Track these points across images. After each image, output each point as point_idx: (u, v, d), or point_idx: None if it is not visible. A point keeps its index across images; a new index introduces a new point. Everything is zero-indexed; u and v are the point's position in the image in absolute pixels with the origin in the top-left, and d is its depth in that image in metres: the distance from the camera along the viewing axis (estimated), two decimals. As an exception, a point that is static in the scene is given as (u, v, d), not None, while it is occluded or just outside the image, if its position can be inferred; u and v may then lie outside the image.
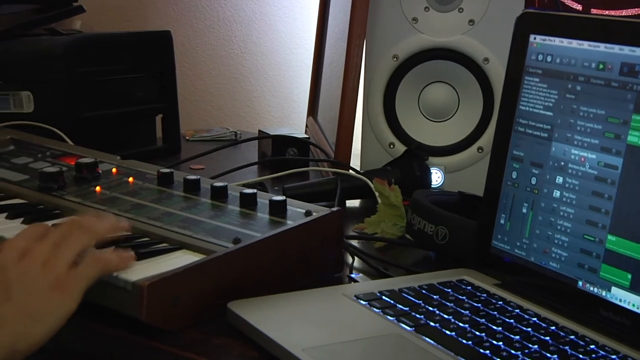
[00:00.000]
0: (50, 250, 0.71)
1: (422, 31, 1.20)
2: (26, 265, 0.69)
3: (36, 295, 0.68)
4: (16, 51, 1.28)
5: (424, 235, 0.93)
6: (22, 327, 0.67)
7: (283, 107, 1.92)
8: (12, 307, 0.67)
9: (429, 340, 0.68)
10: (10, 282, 0.68)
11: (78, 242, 0.72)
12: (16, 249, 0.70)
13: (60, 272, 0.70)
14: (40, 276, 0.69)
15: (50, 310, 0.68)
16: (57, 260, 0.70)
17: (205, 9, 1.78)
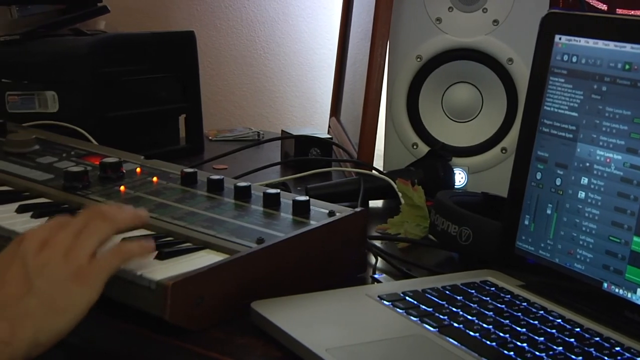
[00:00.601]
0: (70, 240, 0.70)
1: (446, 31, 1.20)
2: (46, 256, 0.69)
3: (57, 287, 0.67)
4: (41, 51, 1.30)
5: (448, 236, 0.93)
6: (44, 320, 0.66)
7: (305, 107, 1.92)
8: (34, 299, 0.66)
9: (453, 341, 0.68)
10: (31, 274, 0.67)
11: (99, 232, 0.71)
12: (36, 240, 0.70)
13: (81, 262, 0.69)
14: (61, 267, 0.68)
15: (72, 301, 0.67)
16: (78, 251, 0.69)
17: (229, 9, 1.79)
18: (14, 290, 0.67)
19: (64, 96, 1.28)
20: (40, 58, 1.29)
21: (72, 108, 1.28)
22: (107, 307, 0.73)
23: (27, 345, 0.65)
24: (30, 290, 0.67)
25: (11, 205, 0.90)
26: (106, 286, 0.70)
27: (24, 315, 0.66)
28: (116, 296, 0.74)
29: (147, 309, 0.72)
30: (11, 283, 0.67)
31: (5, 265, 0.69)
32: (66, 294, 0.67)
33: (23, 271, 0.68)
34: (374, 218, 1.06)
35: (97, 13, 1.43)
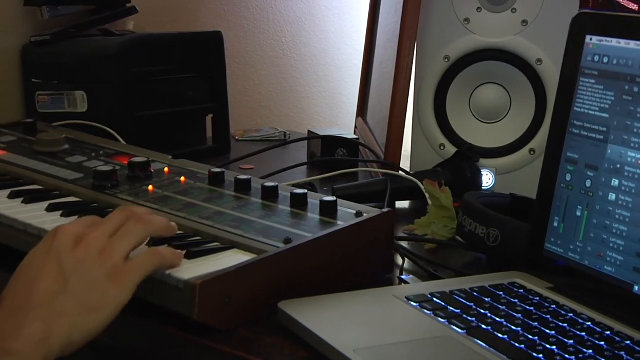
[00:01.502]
0: (105, 240, 0.70)
1: (474, 32, 1.19)
2: (81, 253, 0.69)
3: (92, 286, 0.68)
4: (71, 52, 1.31)
5: (475, 238, 0.92)
6: (78, 318, 0.67)
7: (332, 107, 1.92)
8: (69, 298, 0.67)
9: (481, 343, 0.68)
10: (66, 272, 0.68)
11: (134, 234, 0.72)
12: (71, 235, 0.70)
13: (116, 262, 0.69)
14: (96, 266, 0.68)
15: (106, 301, 0.68)
16: (114, 250, 0.70)
17: (256, 9, 1.79)
18: (49, 286, 0.67)
19: (93, 96, 1.29)
20: (70, 58, 1.30)
21: (101, 108, 1.29)
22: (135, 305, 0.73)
23: (62, 344, 0.65)
24: (66, 289, 0.67)
25: (41, 204, 0.91)
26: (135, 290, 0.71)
27: (59, 313, 0.66)
28: (144, 295, 0.74)
29: (175, 308, 0.73)
30: (46, 279, 0.67)
31: (40, 260, 0.69)
32: (100, 293, 0.68)
33: (58, 268, 0.68)
34: (400, 219, 1.06)
35: (126, 13, 1.44)
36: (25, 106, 1.35)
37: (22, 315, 0.65)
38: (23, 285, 0.68)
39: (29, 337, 0.64)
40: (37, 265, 0.69)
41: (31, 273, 0.69)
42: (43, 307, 0.66)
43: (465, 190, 1.02)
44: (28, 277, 0.68)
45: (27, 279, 0.68)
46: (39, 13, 1.35)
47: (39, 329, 0.65)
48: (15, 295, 0.68)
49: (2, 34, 1.34)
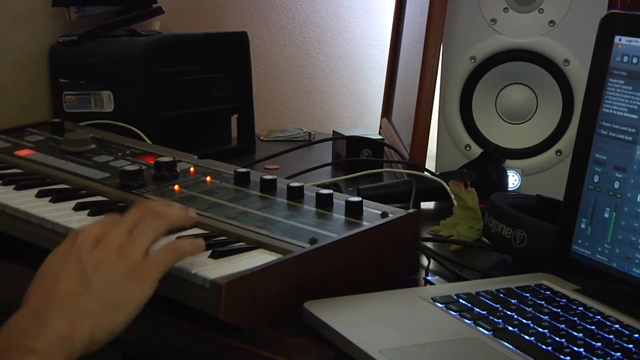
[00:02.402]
0: (124, 237, 0.71)
1: (501, 32, 1.19)
2: (101, 253, 0.69)
3: (113, 285, 0.68)
4: (98, 52, 1.32)
5: (502, 239, 0.92)
6: (101, 317, 0.67)
7: (356, 108, 1.92)
8: (91, 297, 0.68)
9: (508, 344, 0.67)
10: (87, 272, 0.68)
11: (152, 229, 0.72)
12: (91, 236, 0.71)
13: (136, 259, 0.70)
14: (115, 264, 0.69)
15: (128, 298, 0.69)
16: (132, 248, 0.70)
17: (281, 10, 1.79)
18: (71, 287, 0.68)
19: (119, 96, 1.30)
20: (97, 58, 1.31)
21: (127, 108, 1.30)
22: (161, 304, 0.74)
23: (84, 342, 0.66)
24: (87, 288, 0.68)
25: (69, 203, 0.91)
26: (160, 284, 0.71)
27: (81, 312, 0.67)
28: (170, 294, 0.75)
29: (201, 307, 0.73)
30: (68, 280, 0.68)
31: (61, 262, 0.70)
32: (121, 291, 0.69)
33: (79, 268, 0.69)
34: (425, 220, 1.06)
35: (152, 14, 1.45)
36: (52, 106, 1.37)
37: (45, 314, 0.66)
38: (45, 285, 0.69)
39: (52, 336, 0.65)
40: (59, 266, 0.70)
41: (53, 274, 0.69)
42: (66, 306, 0.67)
43: (491, 192, 1.02)
44: (50, 278, 0.69)
45: (49, 279, 0.69)
46: (66, 14, 1.36)
47: (62, 327, 0.65)
48: (38, 295, 0.68)
49: (31, 34, 1.35)
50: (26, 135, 1.16)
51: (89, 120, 1.28)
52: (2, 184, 0.98)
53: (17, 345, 0.63)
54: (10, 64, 1.35)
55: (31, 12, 1.36)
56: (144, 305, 0.69)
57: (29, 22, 1.36)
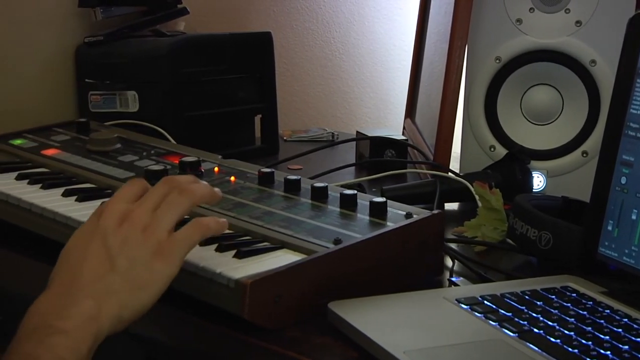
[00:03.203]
0: (149, 215, 0.70)
1: (526, 32, 1.18)
2: (126, 232, 0.69)
3: (139, 263, 0.68)
4: (123, 52, 1.33)
5: (527, 240, 0.91)
6: (127, 296, 0.67)
7: (380, 108, 1.92)
8: (117, 276, 0.67)
9: (533, 347, 0.67)
10: (112, 251, 0.68)
11: (177, 206, 0.71)
12: (115, 214, 0.70)
13: (161, 237, 0.69)
14: (141, 243, 0.68)
15: (153, 277, 0.68)
16: (157, 226, 0.69)
17: (305, 10, 1.79)
18: (96, 266, 0.68)
19: (144, 96, 1.31)
20: (122, 59, 1.32)
21: (152, 108, 1.30)
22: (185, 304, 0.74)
23: (112, 321, 0.66)
24: (113, 268, 0.67)
25: (94, 202, 0.92)
26: (184, 283, 0.71)
27: (108, 292, 0.66)
28: (194, 294, 0.75)
29: (225, 306, 0.73)
30: (93, 259, 0.68)
31: (86, 241, 0.69)
32: (147, 270, 0.68)
33: (104, 247, 0.68)
34: (449, 221, 1.05)
35: (177, 14, 1.46)
36: (78, 106, 1.38)
37: (71, 294, 0.66)
38: (71, 265, 0.69)
39: (79, 316, 0.65)
40: (84, 245, 0.69)
41: (78, 254, 0.69)
42: (92, 286, 0.67)
43: (516, 193, 1.01)
44: (75, 258, 0.69)
45: (75, 259, 0.69)
46: (92, 14, 1.37)
47: (89, 307, 0.65)
48: (64, 275, 0.68)
49: (57, 35, 1.37)
50: (52, 135, 1.17)
51: (114, 120, 1.28)
52: (29, 182, 0.99)
53: (47, 326, 0.63)
54: (38, 64, 1.36)
55: (58, 13, 1.37)
56: (169, 284, 0.69)
57: (55, 22, 1.37)
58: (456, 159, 1.24)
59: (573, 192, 1.03)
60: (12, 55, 1.33)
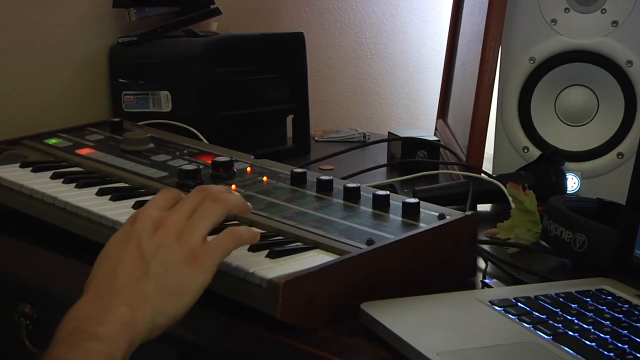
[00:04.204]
0: (183, 222, 0.71)
1: (561, 33, 1.17)
2: (160, 239, 0.69)
3: (172, 270, 0.68)
4: (156, 52, 1.33)
5: (561, 242, 0.90)
6: (161, 303, 0.68)
7: (411, 109, 1.91)
8: (151, 282, 0.68)
9: (568, 349, 0.66)
10: (146, 257, 0.69)
11: (211, 214, 0.72)
12: (150, 220, 0.71)
13: (195, 245, 0.70)
14: (175, 250, 0.69)
15: (187, 284, 0.69)
16: (191, 233, 0.70)
17: (337, 10, 1.79)
18: (131, 271, 0.68)
19: (177, 96, 1.31)
20: (155, 59, 1.33)
21: (185, 108, 1.31)
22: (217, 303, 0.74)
23: (146, 327, 0.67)
24: (147, 274, 0.68)
25: (128, 202, 0.93)
26: (217, 283, 0.71)
27: (142, 297, 0.67)
28: (227, 293, 0.75)
29: (258, 306, 0.73)
30: (128, 264, 0.69)
31: (121, 247, 0.70)
32: (181, 277, 0.69)
33: (139, 253, 0.69)
34: (482, 222, 1.04)
35: (210, 15, 1.46)
36: (111, 105, 1.39)
37: (106, 300, 0.67)
38: (106, 270, 0.69)
39: (114, 321, 0.65)
40: (118, 251, 0.70)
41: (113, 259, 0.70)
42: (126, 291, 0.67)
43: (550, 194, 1.00)
44: (110, 263, 0.70)
45: (110, 264, 0.70)
46: (126, 15, 1.38)
47: (124, 312, 0.66)
48: (99, 281, 0.69)
49: (92, 35, 1.38)
50: (87, 135, 1.18)
51: (147, 119, 1.29)
52: (63, 182, 1.00)
53: (83, 331, 0.64)
54: (72, 65, 1.37)
55: (93, 13, 1.38)
56: (202, 291, 0.69)
57: (90, 23, 1.38)
58: (489, 160, 1.23)
59: (607, 194, 1.02)
60: (47, 56, 1.34)
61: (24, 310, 0.99)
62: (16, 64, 1.31)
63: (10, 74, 1.31)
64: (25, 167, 1.06)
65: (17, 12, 1.30)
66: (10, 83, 1.31)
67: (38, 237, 0.98)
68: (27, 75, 1.33)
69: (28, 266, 0.99)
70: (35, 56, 1.33)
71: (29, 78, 1.33)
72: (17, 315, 1.00)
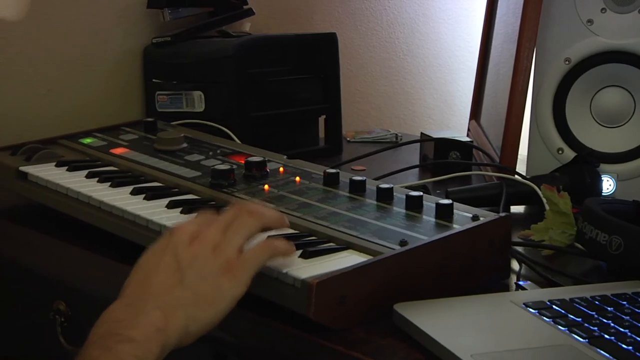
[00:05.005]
0: (219, 235, 0.72)
1: (598, 33, 1.16)
2: (197, 250, 0.71)
3: (207, 279, 0.70)
4: (190, 53, 1.34)
5: (596, 245, 0.89)
6: (195, 311, 0.69)
7: (443, 109, 1.91)
8: (185, 290, 0.69)
9: (604, 353, 0.66)
10: (182, 266, 0.70)
11: (247, 227, 0.73)
12: (187, 233, 0.72)
13: (230, 256, 0.71)
14: (210, 261, 0.70)
15: (221, 294, 0.70)
16: (227, 245, 0.72)
17: (369, 11, 1.79)
18: (166, 279, 0.70)
19: (210, 96, 1.32)
20: (189, 59, 1.33)
21: (218, 108, 1.31)
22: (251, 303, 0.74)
23: (179, 334, 0.67)
24: (182, 282, 0.69)
25: (162, 201, 0.93)
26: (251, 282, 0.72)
27: (176, 304, 0.68)
28: (261, 293, 0.75)
29: (291, 306, 0.73)
30: (164, 272, 0.70)
31: (157, 256, 0.72)
32: (215, 287, 0.70)
33: (175, 262, 0.71)
34: (515, 224, 1.03)
35: (243, 15, 1.47)
36: (145, 105, 1.40)
37: (141, 304, 0.68)
38: (142, 278, 0.71)
39: (148, 326, 0.66)
40: (155, 260, 0.72)
41: (149, 268, 0.71)
42: (161, 298, 0.68)
43: (584, 196, 0.99)
44: (146, 271, 0.71)
45: (146, 272, 0.71)
46: (160, 15, 1.38)
47: (158, 317, 0.67)
48: (135, 287, 0.70)
49: (126, 35, 1.39)
50: (121, 134, 1.19)
51: (180, 119, 1.30)
52: (98, 181, 1.01)
53: (115, 333, 0.65)
54: (107, 65, 1.38)
55: (127, 14, 1.39)
56: (236, 302, 0.70)
57: (125, 23, 1.39)
58: (522, 161, 1.22)
59: (644, 196, 1.01)
60: (82, 57, 1.36)
61: (59, 307, 1.01)
62: (52, 64, 1.33)
63: (46, 74, 1.32)
64: (60, 167, 1.07)
65: (52, 14, 1.32)
66: (46, 83, 1.32)
67: (73, 235, 0.99)
68: (62, 76, 1.34)
69: (63, 264, 1.00)
70: (70, 57, 1.34)
71: (64, 78, 1.34)
72: (52, 312, 1.01)
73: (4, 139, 1.20)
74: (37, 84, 1.32)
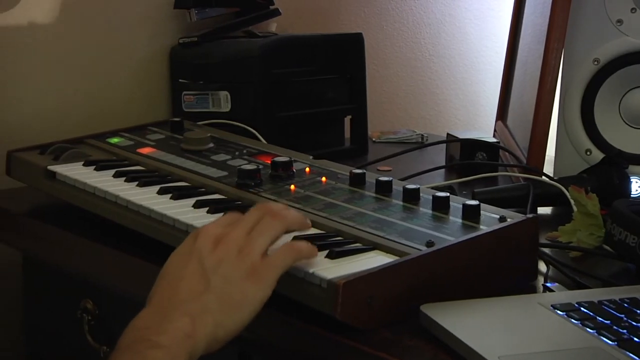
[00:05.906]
0: (243, 238, 0.72)
1: (627, 33, 1.15)
2: (221, 254, 0.71)
3: (233, 284, 0.70)
4: (216, 53, 1.34)
5: (625, 247, 0.88)
6: (221, 316, 0.69)
7: (469, 110, 1.90)
8: (212, 296, 0.69)
9: (634, 356, 0.65)
10: (207, 271, 0.70)
11: (270, 230, 0.73)
12: (211, 236, 0.72)
13: (255, 259, 0.71)
14: (235, 264, 0.70)
15: (246, 298, 0.70)
16: (251, 248, 0.71)
17: (395, 11, 1.79)
18: (193, 286, 0.70)
19: (236, 96, 1.32)
20: (215, 59, 1.34)
21: (244, 108, 1.32)
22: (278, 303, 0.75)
23: (207, 340, 0.68)
24: (208, 287, 0.70)
25: (188, 201, 0.94)
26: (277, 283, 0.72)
27: (203, 310, 0.68)
28: (287, 293, 0.75)
29: (317, 306, 0.73)
30: (190, 278, 0.70)
31: (183, 261, 0.72)
32: (241, 291, 0.70)
33: (200, 268, 0.71)
34: (543, 225, 1.03)
35: (269, 15, 1.47)
36: (171, 105, 1.40)
37: (169, 311, 0.68)
38: (168, 284, 0.71)
39: (176, 332, 0.66)
40: (180, 265, 0.72)
41: (175, 274, 0.71)
42: (188, 304, 0.69)
43: (613, 198, 0.99)
44: (172, 278, 0.71)
45: (172, 278, 0.71)
46: (187, 15, 1.39)
47: (186, 324, 0.67)
48: (162, 294, 0.71)
49: (154, 36, 1.40)
50: (148, 134, 1.20)
51: (207, 119, 1.30)
52: (125, 180, 1.02)
53: (144, 340, 0.65)
54: (134, 65, 1.39)
55: (155, 14, 1.40)
56: (262, 305, 0.70)
57: (152, 23, 1.40)
58: (550, 162, 1.22)
59: (674, 198, 1.00)
60: (110, 56, 1.37)
61: (86, 306, 1.01)
62: (79, 64, 1.34)
63: (73, 74, 1.33)
64: (88, 166, 1.08)
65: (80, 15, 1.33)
66: (73, 83, 1.34)
67: (100, 234, 1.00)
68: (89, 76, 1.35)
69: (90, 263, 1.01)
70: (98, 57, 1.35)
71: (91, 78, 1.36)
72: (79, 311, 1.02)
73: (33, 138, 1.21)
74: (64, 84, 1.33)
